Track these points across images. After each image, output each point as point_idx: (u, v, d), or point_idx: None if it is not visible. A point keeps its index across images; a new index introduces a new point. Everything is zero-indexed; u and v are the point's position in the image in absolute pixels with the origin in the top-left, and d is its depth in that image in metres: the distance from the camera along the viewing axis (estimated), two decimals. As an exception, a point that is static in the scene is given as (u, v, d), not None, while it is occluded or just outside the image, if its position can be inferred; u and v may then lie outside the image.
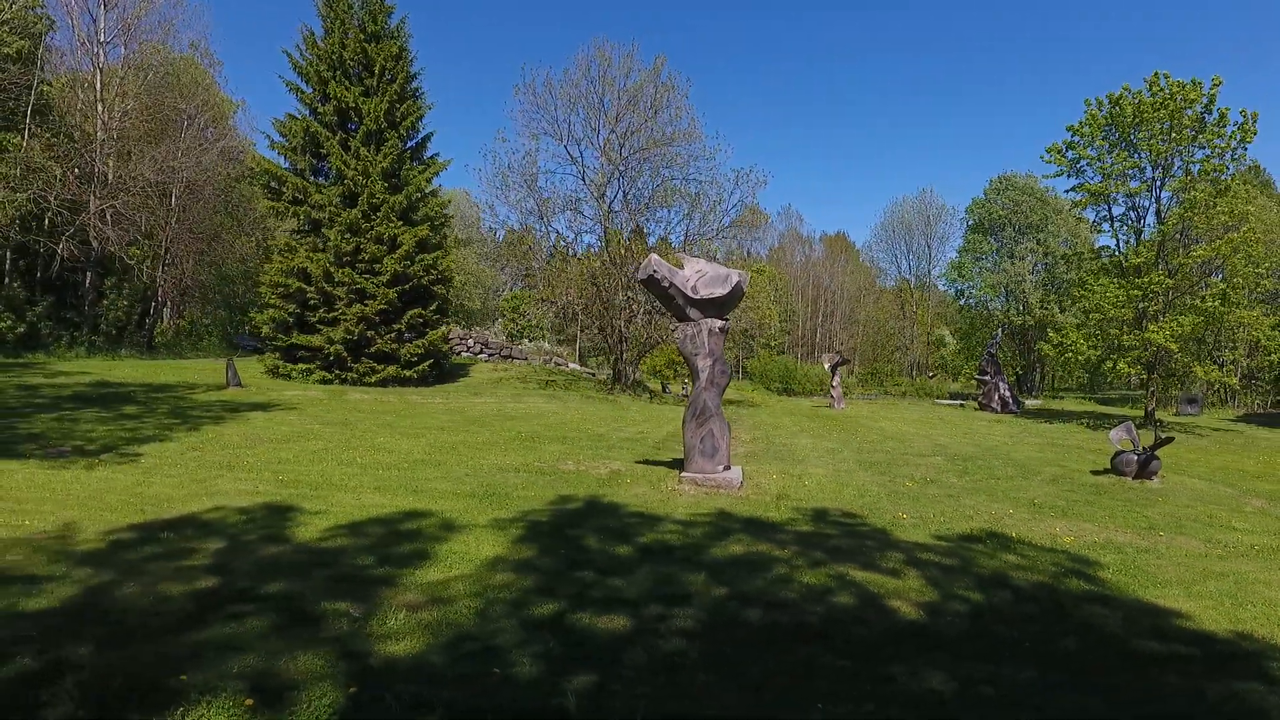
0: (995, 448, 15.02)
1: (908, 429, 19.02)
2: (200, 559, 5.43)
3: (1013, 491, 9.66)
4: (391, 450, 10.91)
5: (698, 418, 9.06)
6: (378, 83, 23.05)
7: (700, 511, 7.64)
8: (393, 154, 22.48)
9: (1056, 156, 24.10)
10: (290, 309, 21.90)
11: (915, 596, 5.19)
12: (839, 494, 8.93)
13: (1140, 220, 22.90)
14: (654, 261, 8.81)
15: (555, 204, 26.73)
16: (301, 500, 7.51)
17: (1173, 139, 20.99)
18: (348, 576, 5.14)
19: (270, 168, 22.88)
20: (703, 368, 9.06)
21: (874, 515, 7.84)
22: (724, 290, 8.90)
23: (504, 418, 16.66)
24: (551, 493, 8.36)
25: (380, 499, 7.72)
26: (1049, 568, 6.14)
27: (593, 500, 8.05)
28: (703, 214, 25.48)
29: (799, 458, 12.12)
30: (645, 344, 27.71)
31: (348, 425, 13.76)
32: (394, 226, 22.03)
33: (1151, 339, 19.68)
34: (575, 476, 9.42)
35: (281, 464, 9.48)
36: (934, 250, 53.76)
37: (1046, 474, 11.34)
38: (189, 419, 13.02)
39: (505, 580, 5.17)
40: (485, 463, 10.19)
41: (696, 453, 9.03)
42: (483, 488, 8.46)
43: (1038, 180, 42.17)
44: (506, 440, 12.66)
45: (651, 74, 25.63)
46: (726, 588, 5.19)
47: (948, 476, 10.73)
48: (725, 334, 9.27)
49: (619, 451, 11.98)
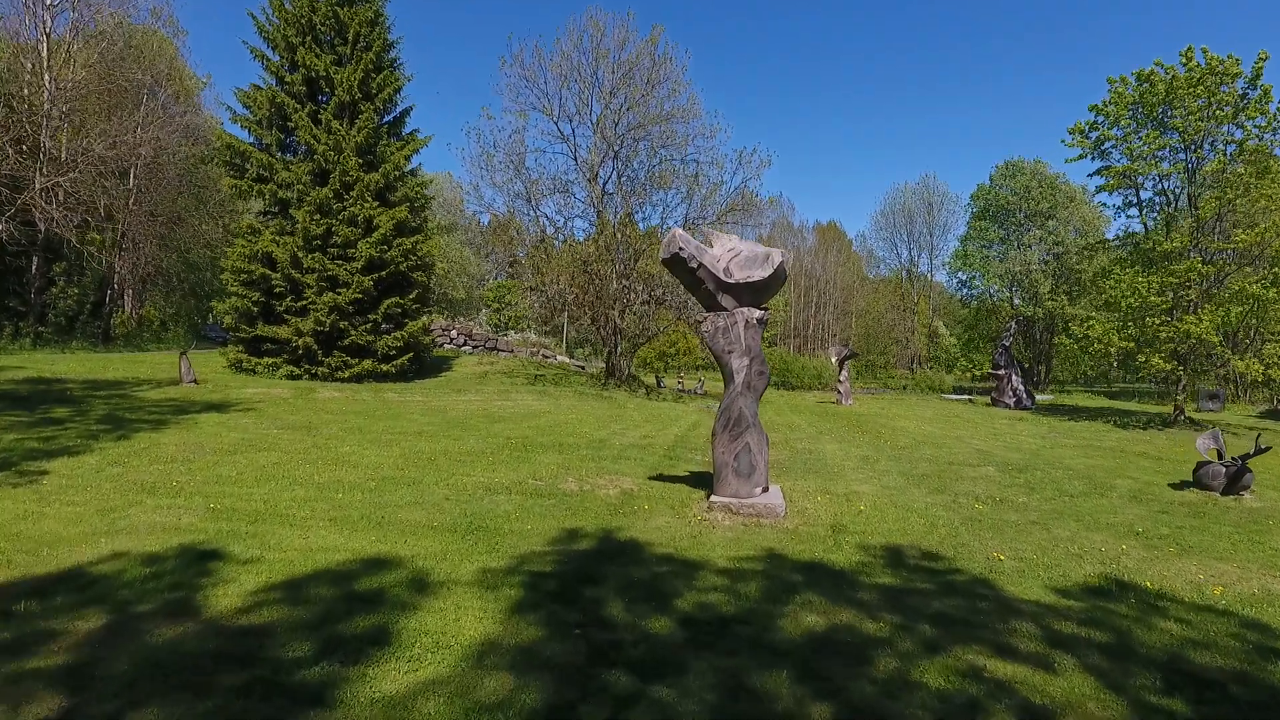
0: (1040, 453, 13.52)
1: (932, 429, 17.51)
2: (58, 654, 3.75)
3: (1100, 515, 8.11)
4: (357, 464, 9.19)
5: (731, 429, 7.40)
6: (351, 50, 21.06)
7: (745, 554, 6.01)
8: (367, 128, 20.51)
9: (1079, 138, 22.62)
10: (254, 297, 19.94)
11: (1097, 710, 3.59)
12: (904, 523, 7.32)
13: (1172, 204, 21.47)
14: (679, 237, 7.13)
15: (544, 186, 24.84)
16: (232, 541, 5.81)
17: (1211, 117, 19.54)
18: (266, 688, 3.47)
19: (232, 142, 20.82)
20: (738, 368, 7.40)
21: (962, 556, 6.24)
22: (764, 273, 7.23)
23: (490, 419, 14.93)
24: (553, 525, 6.69)
25: (334, 537, 6.03)
26: (1228, 641, 4.58)
27: (606, 536, 6.39)
28: (703, 196, 23.71)
29: (834, 470, 10.52)
30: (641, 336, 25.98)
31: (311, 430, 11.99)
32: (369, 207, 20.10)
33: (1190, 330, 18.27)
34: (580, 500, 7.75)
35: (220, 484, 7.74)
36: (935, 238, 52.11)
37: (1121, 489, 9.82)
38: (123, 424, 11.18)
39: (499, 691, 3.52)
40: (469, 480, 8.49)
41: (730, 472, 7.38)
42: (466, 518, 6.77)
43: (1047, 166, 40.86)
44: (494, 448, 10.95)
45: (648, 45, 23.78)
46: (828, 702, 3.56)
47: (1014, 494, 9.18)
48: (764, 326, 7.62)
49: (626, 463, 10.32)
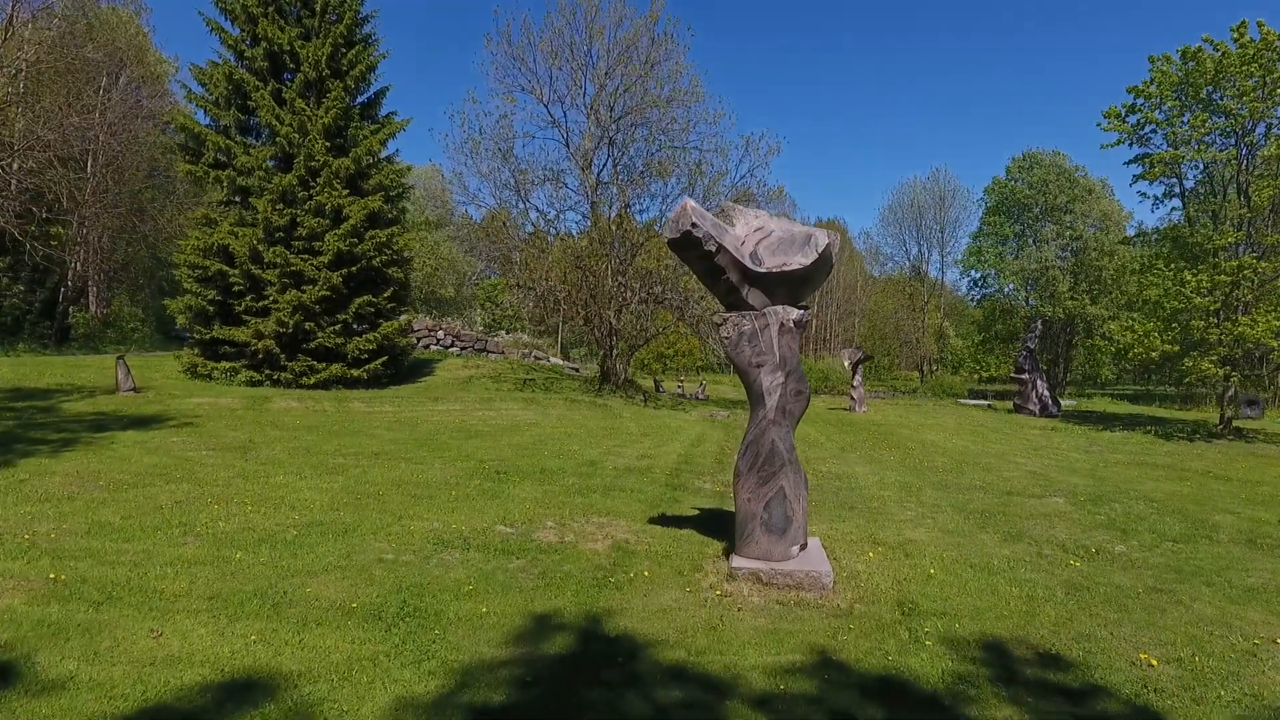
0: (1101, 476, 11.69)
1: (964, 443, 15.68)
2: None
3: (1230, 574, 6.26)
4: (283, 502, 7.31)
5: (760, 468, 5.54)
6: (319, 22, 19.13)
7: (788, 660, 4.16)
8: (337, 108, 18.58)
9: (1116, 123, 20.78)
10: (210, 296, 18.02)
11: None
12: (992, 594, 5.46)
13: (1220, 194, 19.65)
14: (692, 210, 5.26)
15: (534, 175, 22.92)
16: (50, 643, 3.97)
17: (1267, 97, 17.72)
18: None
19: (187, 124, 18.90)
20: (769, 386, 5.53)
21: (1093, 657, 4.40)
22: (804, 260, 5.37)
23: (466, 434, 13.06)
24: (518, 606, 4.83)
25: (201, 633, 4.18)
26: None
27: (591, 628, 4.54)
28: (705, 186, 21.82)
29: (874, 505, 8.66)
30: (638, 338, 24.10)
31: (246, 452, 10.10)
32: (338, 195, 18.17)
33: (1245, 333, 16.47)
34: (559, 558, 5.89)
35: (89, 536, 5.88)
36: (946, 235, 50.03)
37: (1228, 529, 7.98)
38: (16, 446, 9.31)
39: None
40: (419, 527, 6.62)
41: (758, 526, 5.52)
42: (400, 594, 4.92)
43: (1067, 158, 39.00)
44: (462, 476, 9.08)
45: (647, 21, 21.85)
46: None
47: (1105, 539, 7.33)
48: (803, 330, 5.76)
49: (620, 496, 8.45)
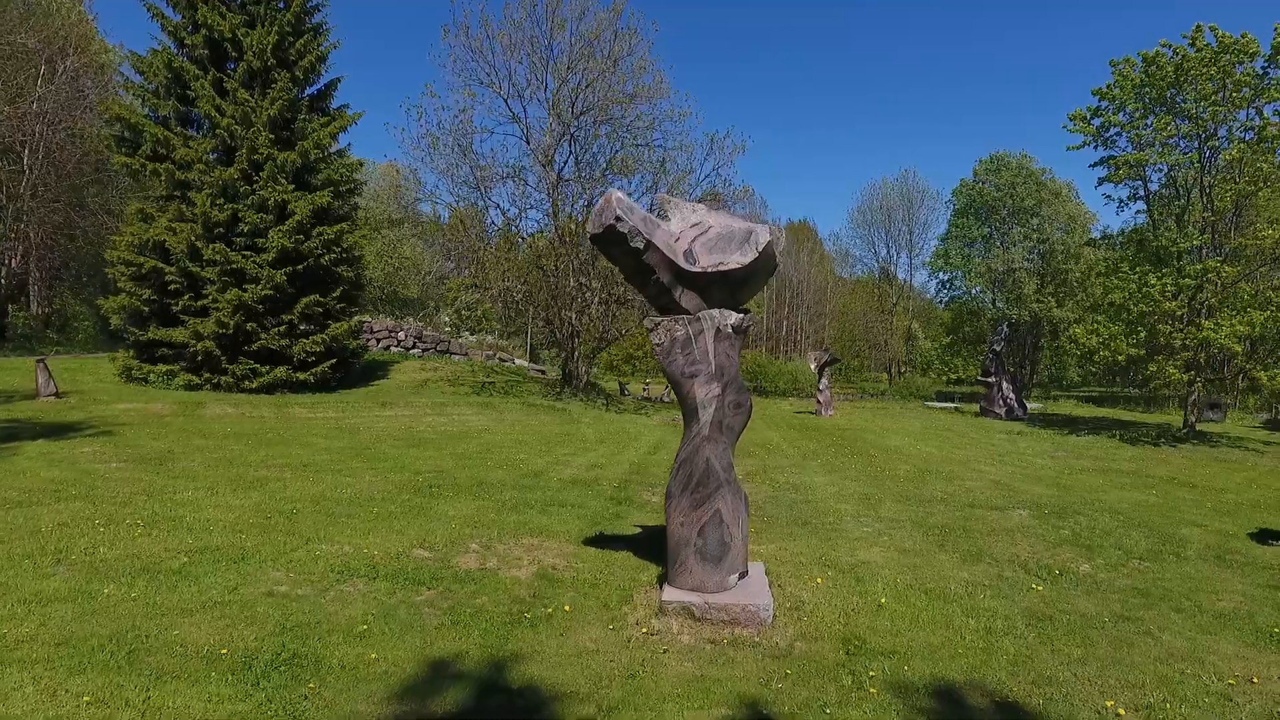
0: (1065, 484, 11.39)
1: (929, 449, 15.36)
2: None
3: (1199, 596, 5.88)
4: (181, 522, 6.61)
5: (693, 490, 5.01)
6: (265, 9, 18.28)
7: (711, 718, 3.63)
8: (283, 99, 17.75)
9: (1081, 125, 20.72)
10: (145, 295, 17.09)
11: None
12: (946, 628, 4.99)
13: (1184, 197, 19.63)
14: (617, 202, 4.71)
15: (495, 172, 22.24)
16: None
17: (1227, 101, 17.70)
18: None
19: (123, 114, 17.94)
20: (704, 399, 5.00)
21: (1054, 705, 3.93)
22: (743, 258, 4.86)
23: (409, 442, 12.39)
24: (414, 651, 4.24)
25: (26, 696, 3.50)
26: None
27: (491, 679, 3.96)
28: (670, 184, 21.34)
29: (830, 520, 8.20)
30: (601, 339, 23.53)
31: (162, 464, 9.35)
32: (283, 190, 17.34)
33: (1209, 338, 16.38)
34: (473, 590, 5.30)
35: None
36: (915, 237, 50.23)
37: (1195, 545, 7.65)
38: (-104, 460, 8.47)
39: None
40: (325, 552, 5.98)
41: (691, 554, 4.99)
42: (280, 638, 4.28)
43: (1033, 161, 39.24)
44: (390, 491, 8.44)
45: (610, 16, 21.36)
46: None
47: (1068, 558, 6.94)
48: (743, 337, 5.24)
49: (559, 512, 7.88)
